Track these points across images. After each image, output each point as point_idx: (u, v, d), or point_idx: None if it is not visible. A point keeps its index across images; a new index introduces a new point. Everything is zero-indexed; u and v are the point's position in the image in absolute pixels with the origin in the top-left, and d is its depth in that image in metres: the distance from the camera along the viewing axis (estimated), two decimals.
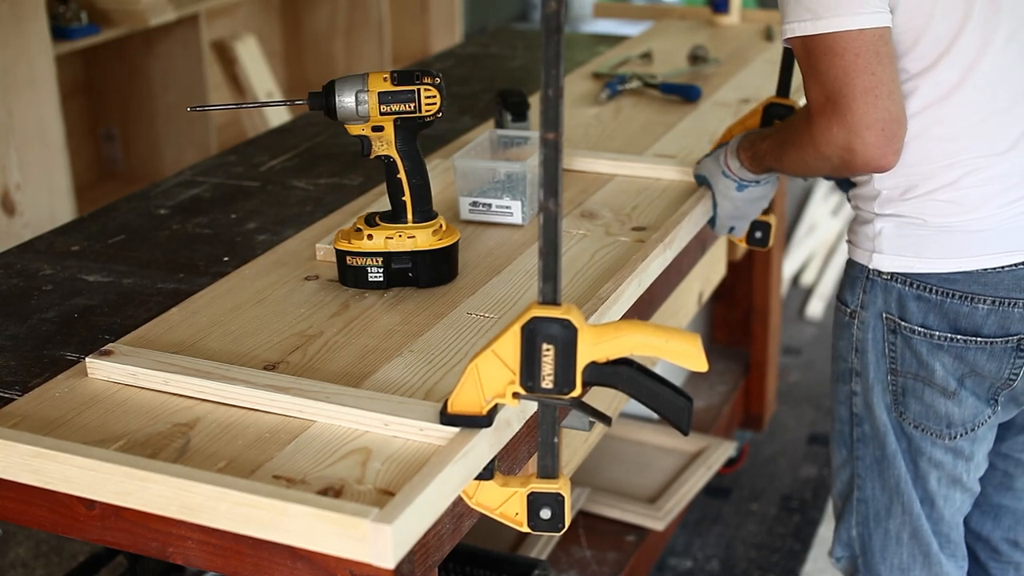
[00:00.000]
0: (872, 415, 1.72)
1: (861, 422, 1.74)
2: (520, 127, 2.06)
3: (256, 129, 4.18)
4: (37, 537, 2.70)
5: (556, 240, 1.10)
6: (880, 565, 1.79)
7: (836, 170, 1.56)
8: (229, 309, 1.55)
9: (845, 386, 1.75)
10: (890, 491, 1.74)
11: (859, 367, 1.71)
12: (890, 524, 1.76)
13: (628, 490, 2.56)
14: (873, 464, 1.75)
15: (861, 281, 1.68)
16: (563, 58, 1.05)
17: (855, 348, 1.71)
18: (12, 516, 1.31)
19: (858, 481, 1.78)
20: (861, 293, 1.68)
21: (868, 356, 1.70)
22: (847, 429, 1.77)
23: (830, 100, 1.49)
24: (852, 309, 1.70)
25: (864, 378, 1.71)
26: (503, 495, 1.23)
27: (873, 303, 1.67)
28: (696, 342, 1.14)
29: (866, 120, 1.48)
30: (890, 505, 1.75)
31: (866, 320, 1.68)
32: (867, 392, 1.72)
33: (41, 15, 3.21)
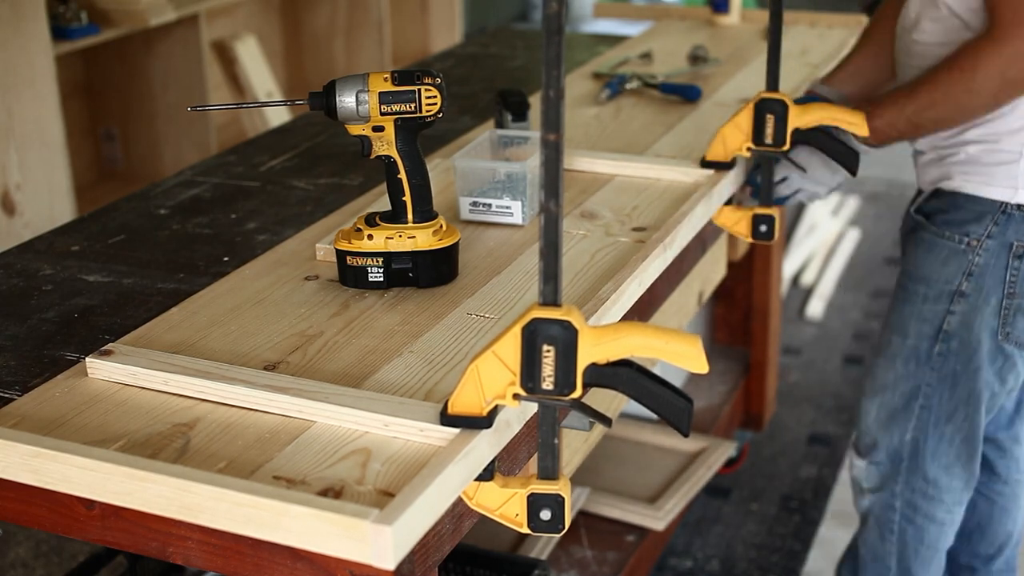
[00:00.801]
0: (969, 333, 1.95)
1: (949, 339, 1.96)
2: (520, 127, 2.06)
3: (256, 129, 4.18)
4: (37, 537, 2.70)
5: (557, 241, 1.10)
6: (929, 464, 2.04)
7: (1007, 87, 1.78)
8: (229, 309, 1.55)
9: (939, 305, 1.96)
10: (958, 400, 1.99)
11: (968, 290, 1.93)
12: (947, 428, 2.01)
13: (628, 490, 2.56)
14: (949, 376, 1.98)
15: (992, 215, 1.89)
16: (564, 59, 1.05)
17: (968, 273, 1.92)
18: (12, 516, 1.31)
19: (925, 390, 2.00)
20: (991, 225, 1.90)
21: (984, 281, 1.92)
22: (925, 345, 1.98)
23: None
24: (974, 239, 1.91)
25: (971, 300, 1.93)
26: (503, 496, 1.22)
27: (1002, 234, 1.90)
28: (696, 343, 1.14)
29: None
30: (954, 412, 2.00)
31: (990, 248, 1.91)
32: (970, 312, 1.94)
33: (41, 15, 3.21)
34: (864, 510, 2.18)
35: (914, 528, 2.11)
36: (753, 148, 1.90)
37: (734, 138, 1.90)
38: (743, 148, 1.90)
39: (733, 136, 1.90)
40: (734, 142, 1.90)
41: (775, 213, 1.95)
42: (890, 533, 2.13)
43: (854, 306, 4.00)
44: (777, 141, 1.88)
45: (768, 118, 1.87)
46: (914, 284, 2.00)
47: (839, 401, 3.41)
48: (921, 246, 1.99)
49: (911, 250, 2.02)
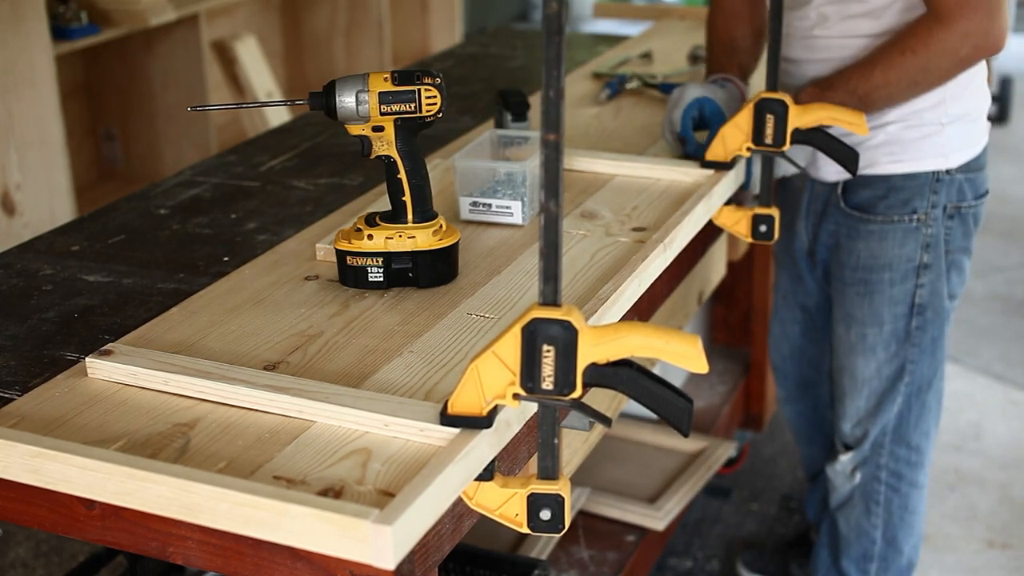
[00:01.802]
0: (938, 299, 2.05)
1: (923, 310, 2.05)
2: (520, 127, 2.06)
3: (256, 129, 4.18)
4: (37, 537, 2.70)
5: (557, 241, 1.10)
6: (912, 433, 2.14)
7: (959, 64, 1.84)
8: (229, 309, 1.55)
9: (907, 284, 2.03)
10: (935, 366, 2.10)
11: (930, 260, 2.02)
12: (928, 396, 2.12)
13: (628, 490, 2.56)
14: (928, 345, 2.08)
15: (929, 185, 1.99)
16: (564, 59, 1.05)
17: (925, 245, 2.01)
18: (12, 516, 1.31)
19: (910, 366, 2.09)
20: (930, 195, 1.99)
21: (938, 248, 2.01)
22: (902, 324, 2.06)
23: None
24: (922, 213, 2.00)
25: (934, 268, 2.02)
26: (503, 496, 1.22)
27: (940, 201, 1.99)
28: (696, 343, 1.14)
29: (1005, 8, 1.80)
30: (932, 379, 2.11)
31: (936, 217, 2.00)
32: (936, 280, 2.03)
33: (41, 15, 3.21)
34: (847, 494, 2.22)
35: (899, 496, 2.18)
36: (753, 148, 1.90)
37: (734, 138, 1.90)
38: (743, 148, 1.90)
39: (733, 136, 1.90)
40: (734, 142, 1.91)
41: (775, 213, 1.95)
42: (876, 505, 2.20)
43: None
44: (777, 141, 1.88)
45: (768, 118, 1.87)
46: (877, 274, 2.05)
47: None
48: (871, 238, 2.04)
49: (856, 244, 2.06)
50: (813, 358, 2.40)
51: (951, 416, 3.25)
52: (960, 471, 3.06)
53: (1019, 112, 5.90)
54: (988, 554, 2.74)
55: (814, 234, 2.18)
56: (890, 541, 2.22)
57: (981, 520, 2.86)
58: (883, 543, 2.22)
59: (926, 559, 2.67)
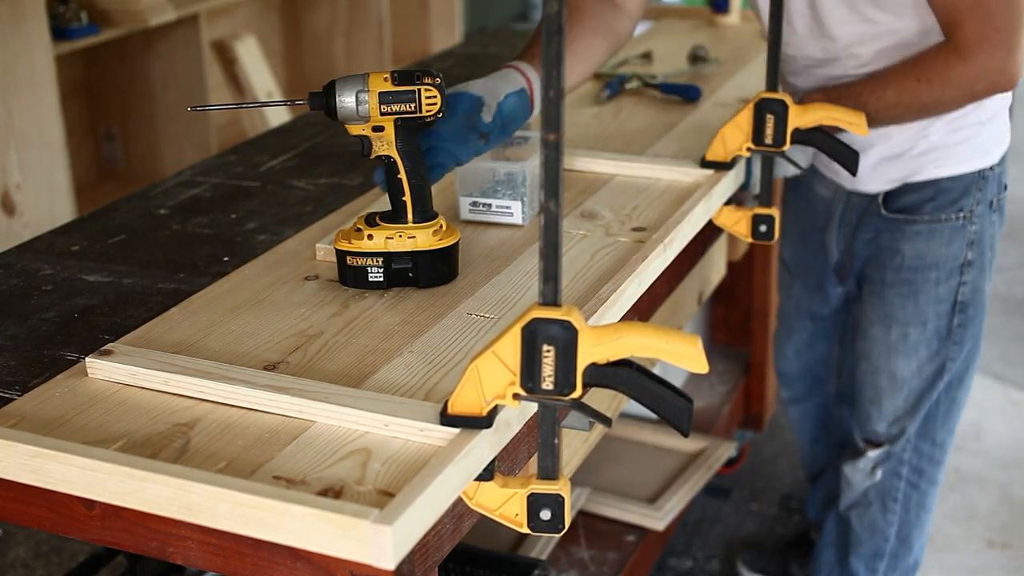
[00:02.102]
0: (980, 296, 2.06)
1: (965, 307, 2.05)
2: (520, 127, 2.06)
3: (256, 129, 4.18)
4: (37, 537, 2.70)
5: (557, 241, 1.10)
6: (939, 430, 2.14)
7: (971, 98, 1.86)
8: (229, 309, 1.55)
9: (950, 282, 2.04)
10: (969, 361, 2.10)
11: (974, 256, 2.03)
12: (959, 392, 2.12)
13: (628, 490, 2.56)
14: (966, 342, 2.08)
15: (975, 183, 2.00)
16: (564, 59, 1.05)
17: (970, 242, 2.02)
18: (12, 516, 1.31)
19: (949, 364, 2.08)
20: (976, 192, 2.00)
21: (984, 243, 2.03)
22: (945, 322, 2.05)
23: (999, 31, 1.77)
24: (968, 211, 2.01)
25: (977, 265, 2.04)
26: (503, 496, 1.22)
27: (985, 197, 2.01)
28: (696, 343, 1.14)
29: (1021, 45, 1.80)
30: (964, 373, 2.11)
31: (982, 213, 2.01)
32: (979, 276, 2.05)
33: (41, 15, 3.21)
34: (861, 492, 2.21)
35: (917, 493, 2.18)
36: (753, 148, 1.90)
37: (734, 138, 1.90)
38: (743, 148, 1.90)
39: (733, 136, 1.90)
40: (734, 142, 1.91)
41: (775, 213, 1.95)
42: (893, 502, 2.19)
43: None
44: (777, 141, 1.88)
45: (768, 118, 1.87)
46: (923, 274, 2.05)
47: None
48: (917, 238, 2.04)
49: (902, 246, 2.05)
50: (822, 356, 2.40)
51: None
52: (960, 471, 3.06)
53: (1019, 112, 5.89)
54: (988, 554, 2.74)
55: (847, 245, 2.17)
56: (903, 539, 2.21)
57: (981, 520, 2.86)
58: (896, 541, 2.21)
59: (926, 559, 2.67)
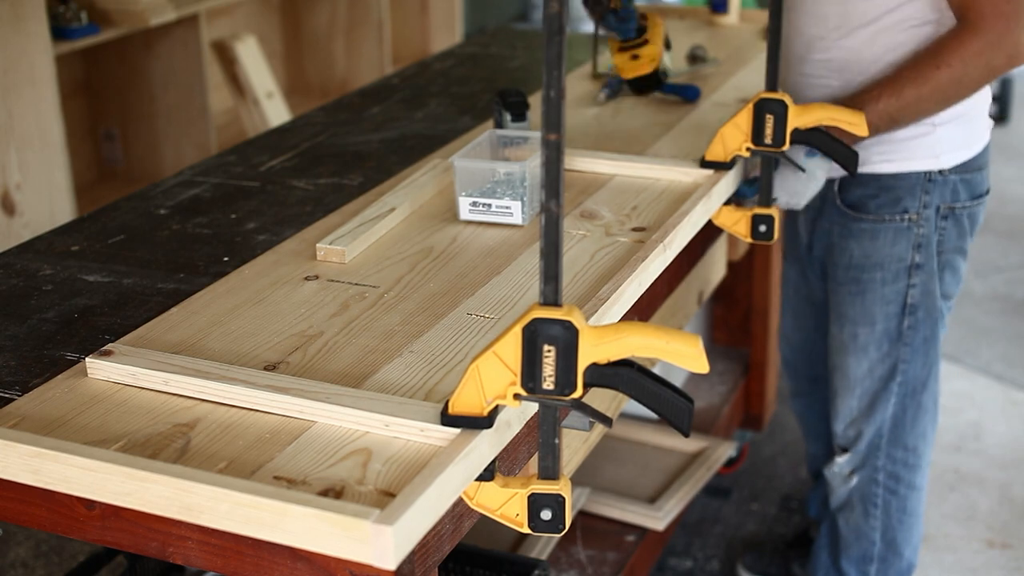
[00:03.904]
0: (930, 298, 2.04)
1: (915, 310, 2.05)
2: (520, 127, 2.06)
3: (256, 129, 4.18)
4: (37, 537, 2.70)
5: (558, 241, 1.10)
6: (908, 435, 2.13)
7: (991, 75, 1.84)
8: (229, 309, 1.55)
9: (897, 284, 2.04)
10: (929, 366, 2.09)
11: (922, 260, 2.02)
12: (924, 397, 2.11)
13: (628, 490, 2.56)
14: (921, 344, 2.07)
15: (920, 185, 1.99)
16: (565, 59, 1.05)
17: (916, 245, 2.01)
18: (12, 516, 1.31)
19: (902, 366, 2.08)
20: (922, 194, 1.99)
21: (930, 248, 2.01)
22: (894, 324, 2.06)
23: (1011, 2, 1.78)
24: (914, 213, 2.00)
25: (926, 268, 2.02)
26: (504, 496, 1.22)
27: (932, 201, 1.99)
28: (697, 343, 1.14)
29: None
30: (927, 379, 2.10)
31: (928, 217, 2.00)
32: (928, 280, 2.03)
33: (41, 15, 3.20)
34: (845, 496, 2.22)
35: (897, 499, 2.18)
36: (752, 148, 1.90)
37: (733, 138, 1.90)
38: (743, 148, 1.90)
39: (732, 136, 1.90)
40: (733, 142, 1.91)
41: (775, 213, 1.95)
42: (874, 508, 2.19)
43: None
44: (776, 141, 1.88)
45: (767, 118, 1.87)
46: (869, 273, 2.05)
47: None
48: (863, 236, 2.05)
49: (849, 244, 2.06)
50: (823, 353, 2.40)
51: (951, 416, 3.25)
52: (960, 471, 3.06)
53: (1019, 112, 5.90)
54: (988, 554, 2.74)
55: (811, 230, 2.18)
56: (889, 543, 2.22)
57: (981, 520, 2.86)
58: (882, 545, 2.22)
59: (926, 559, 2.67)
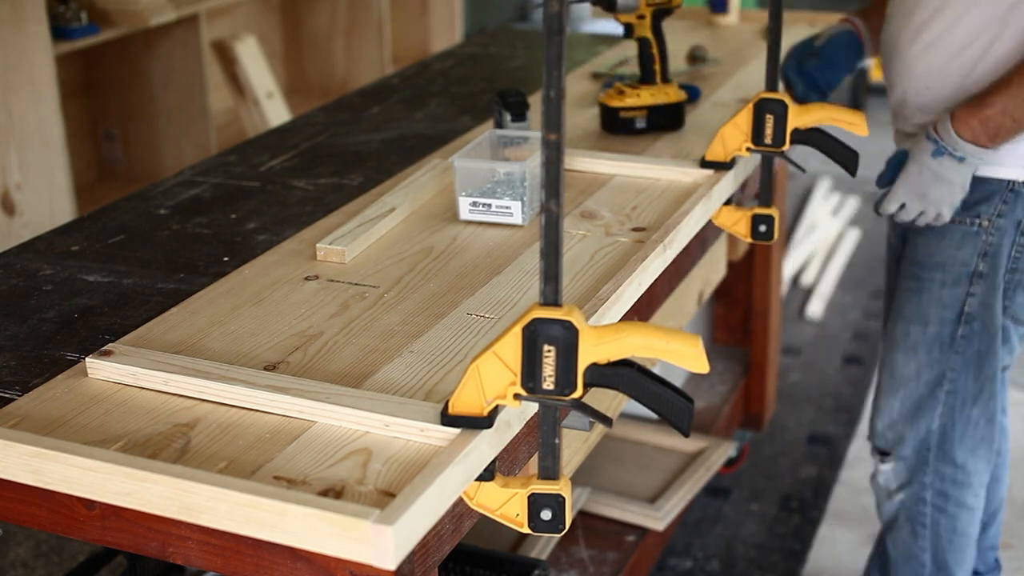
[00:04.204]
0: (990, 312, 1.98)
1: (972, 320, 1.98)
2: (520, 127, 2.06)
3: (256, 129, 4.18)
4: (37, 537, 2.70)
5: (558, 241, 1.10)
6: (957, 449, 2.06)
7: None
8: (229, 309, 1.55)
9: (957, 289, 1.98)
10: (983, 381, 2.02)
11: (986, 270, 1.96)
12: (973, 411, 2.03)
13: (628, 490, 2.56)
14: (973, 357, 2.00)
15: (1000, 194, 1.92)
16: (565, 59, 1.05)
17: (983, 253, 1.96)
18: (12, 516, 1.31)
19: (951, 375, 2.02)
20: (1000, 204, 1.93)
21: (998, 260, 1.95)
22: (948, 330, 2.00)
23: None
24: (986, 219, 1.94)
25: (988, 279, 1.96)
26: (504, 496, 1.22)
27: (1012, 212, 1.93)
28: (697, 343, 1.14)
29: None
30: (979, 393, 2.02)
31: (1002, 227, 1.94)
32: (989, 292, 1.97)
33: (41, 15, 3.20)
34: (892, 512, 2.15)
35: (947, 518, 2.11)
36: (752, 148, 1.90)
37: (734, 138, 1.90)
38: (743, 148, 1.90)
39: (733, 136, 1.90)
40: (734, 142, 1.91)
41: (775, 213, 1.95)
42: (922, 527, 2.12)
43: (854, 306, 4.00)
44: (776, 141, 1.88)
45: (768, 118, 1.87)
46: (929, 272, 2.00)
47: (839, 401, 3.41)
48: (931, 234, 2.00)
49: (918, 240, 2.02)
50: None
51: None
52: None
53: None
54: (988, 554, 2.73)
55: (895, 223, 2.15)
56: (941, 566, 2.14)
57: None
58: (933, 567, 2.14)
59: None
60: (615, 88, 2.19)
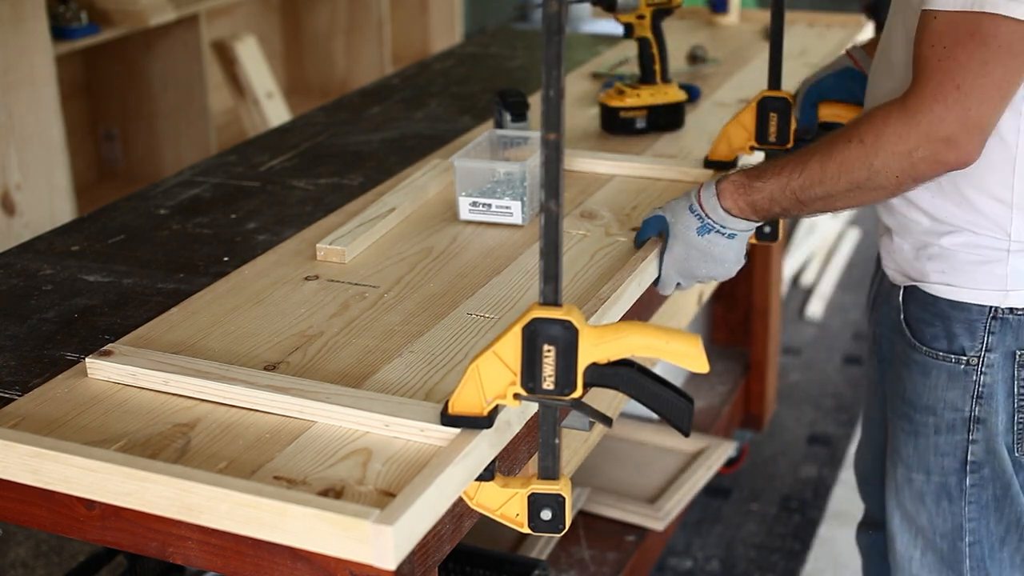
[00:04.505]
0: (996, 458, 1.65)
1: (979, 468, 1.66)
2: (520, 127, 2.06)
3: (256, 129, 4.18)
4: (37, 537, 2.70)
5: (557, 241, 1.10)
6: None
7: (911, 171, 1.44)
8: (229, 309, 1.55)
9: (956, 436, 1.65)
10: (1007, 524, 1.69)
11: (983, 414, 1.63)
12: (1004, 553, 1.72)
13: (628, 490, 2.56)
14: (991, 503, 1.68)
15: (983, 323, 1.58)
16: (564, 59, 1.05)
17: (977, 396, 1.62)
18: (12, 516, 1.31)
19: (970, 525, 1.70)
20: (986, 336, 1.59)
21: (996, 401, 1.62)
22: (953, 480, 1.68)
23: (960, 89, 1.37)
24: (972, 356, 1.60)
25: (988, 424, 1.63)
26: (504, 496, 1.22)
27: (1001, 343, 1.58)
28: (697, 343, 1.14)
29: (987, 118, 1.39)
30: (1005, 536, 1.70)
31: (994, 363, 1.60)
32: (992, 438, 1.63)
33: (41, 15, 3.21)
34: None
35: None
36: (756, 146, 1.90)
37: (738, 136, 1.90)
38: (747, 147, 1.90)
39: (737, 134, 1.90)
40: (738, 140, 1.90)
41: None
42: None
43: (854, 306, 4.00)
44: (780, 139, 1.88)
45: (771, 116, 1.87)
46: (920, 415, 1.69)
47: (839, 401, 3.41)
48: (915, 368, 1.67)
49: (901, 373, 1.70)
50: None
51: None
52: None
53: None
54: None
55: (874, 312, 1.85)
56: None
57: None
58: None
59: None
60: (615, 88, 2.19)
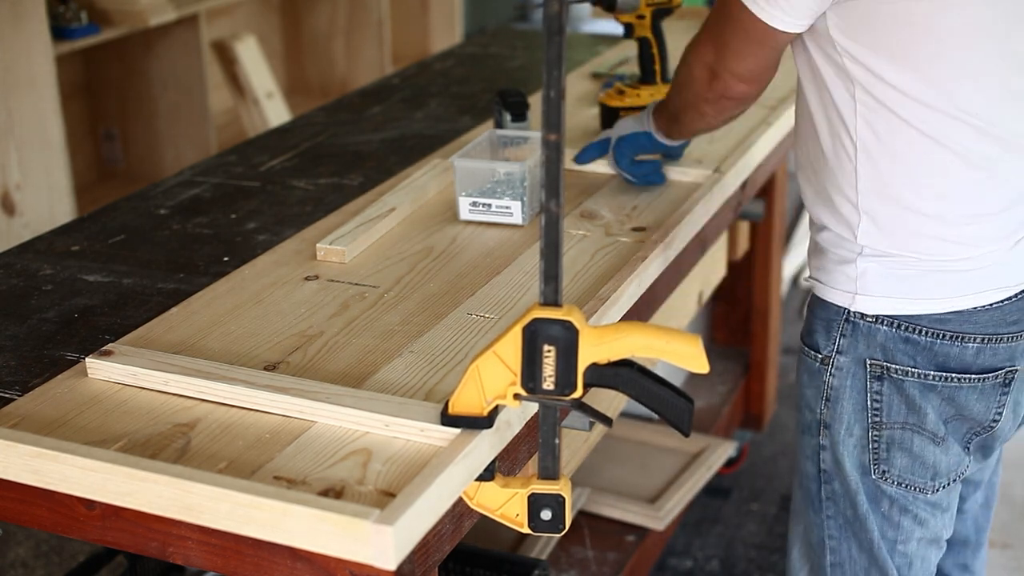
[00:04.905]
0: (842, 472, 1.57)
1: (830, 479, 1.59)
2: (520, 127, 2.06)
3: (256, 129, 4.18)
4: (37, 537, 2.70)
5: (558, 241, 1.10)
6: None
7: (700, 94, 1.58)
8: (229, 309, 1.55)
9: (812, 439, 1.60)
10: (867, 553, 1.60)
11: (828, 418, 1.56)
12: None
13: (628, 490, 2.56)
14: (845, 525, 1.60)
15: (838, 324, 1.53)
16: (565, 59, 1.05)
17: (825, 397, 1.56)
18: (12, 516, 1.31)
19: (831, 544, 1.63)
20: (838, 337, 1.53)
21: (842, 406, 1.55)
22: (815, 487, 1.62)
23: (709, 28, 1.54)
24: (825, 354, 1.55)
25: (833, 431, 1.56)
26: (504, 496, 1.22)
27: (853, 348, 1.52)
28: (697, 343, 1.14)
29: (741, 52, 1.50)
30: (868, 568, 1.61)
31: (843, 366, 1.54)
32: (835, 446, 1.57)
33: (41, 15, 3.21)
34: None
35: None
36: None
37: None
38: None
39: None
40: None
41: None
42: None
43: None
44: None
45: None
46: (799, 411, 1.65)
47: None
48: (800, 362, 1.64)
49: None
50: None
51: None
52: None
53: None
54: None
55: None
56: None
57: None
58: None
59: None
60: (615, 88, 2.18)
